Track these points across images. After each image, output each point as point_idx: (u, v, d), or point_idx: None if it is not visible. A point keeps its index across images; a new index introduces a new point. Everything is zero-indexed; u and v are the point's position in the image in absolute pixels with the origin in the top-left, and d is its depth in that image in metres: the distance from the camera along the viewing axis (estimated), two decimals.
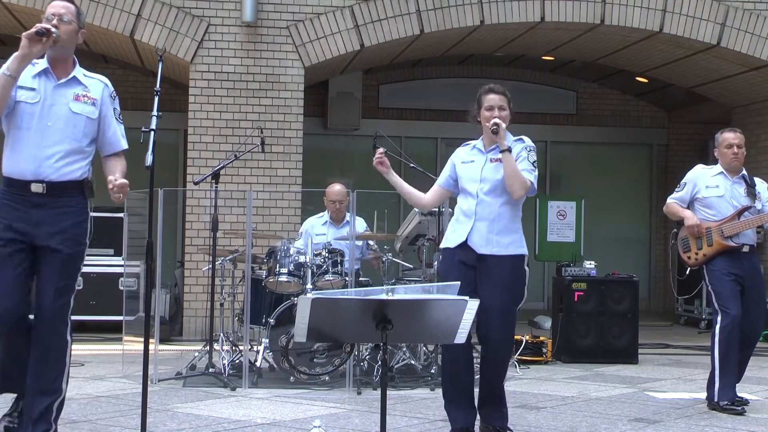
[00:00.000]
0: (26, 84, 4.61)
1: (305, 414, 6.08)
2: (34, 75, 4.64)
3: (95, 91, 4.76)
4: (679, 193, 6.79)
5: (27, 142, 4.59)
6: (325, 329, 4.06)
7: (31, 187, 4.58)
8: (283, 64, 10.47)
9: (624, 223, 15.64)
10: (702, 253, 6.62)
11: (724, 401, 6.37)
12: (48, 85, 4.66)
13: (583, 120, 15.46)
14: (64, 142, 4.64)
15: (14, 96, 4.58)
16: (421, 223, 7.97)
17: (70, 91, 4.69)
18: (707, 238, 6.59)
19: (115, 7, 10.16)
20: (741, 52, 11.22)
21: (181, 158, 13.10)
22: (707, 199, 6.64)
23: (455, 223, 5.34)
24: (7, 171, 4.64)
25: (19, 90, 4.58)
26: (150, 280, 5.54)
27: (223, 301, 7.92)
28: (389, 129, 10.61)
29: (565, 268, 9.30)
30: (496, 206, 5.22)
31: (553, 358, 8.89)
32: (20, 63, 4.49)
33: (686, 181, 6.78)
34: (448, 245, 5.32)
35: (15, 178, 4.61)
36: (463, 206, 5.31)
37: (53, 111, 4.64)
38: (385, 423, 4.06)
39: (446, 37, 11.20)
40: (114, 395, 6.63)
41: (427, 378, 7.35)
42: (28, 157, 4.59)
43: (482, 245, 5.20)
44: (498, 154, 5.23)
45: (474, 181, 5.28)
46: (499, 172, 5.22)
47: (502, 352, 5.32)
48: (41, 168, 4.59)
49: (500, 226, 5.21)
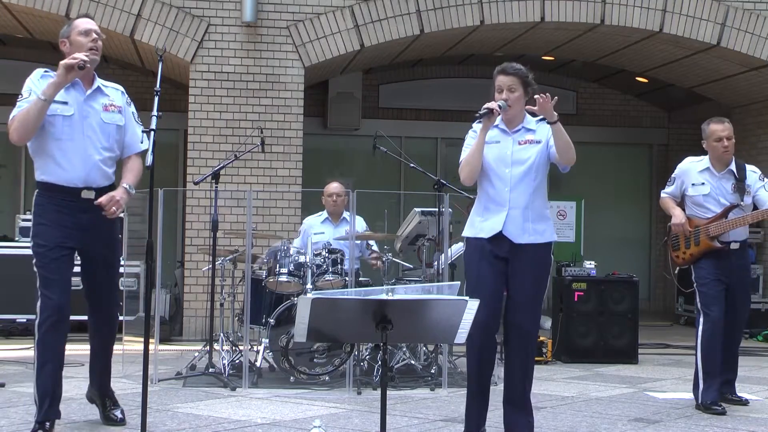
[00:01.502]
0: (59, 98, 4.99)
1: (305, 414, 6.08)
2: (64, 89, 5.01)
3: (117, 100, 5.23)
4: (669, 188, 6.75)
5: (73, 152, 5.01)
6: (325, 329, 4.05)
7: (82, 194, 5.05)
8: (283, 64, 10.47)
9: (624, 223, 15.64)
10: (689, 253, 6.57)
11: (708, 401, 6.33)
12: (79, 98, 5.07)
13: (583, 120, 15.45)
14: (103, 151, 5.11)
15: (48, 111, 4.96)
16: (421, 223, 7.97)
17: (98, 102, 5.15)
18: (694, 237, 6.52)
19: (115, 7, 10.16)
20: (741, 52, 11.22)
21: (181, 158, 13.10)
22: (694, 197, 6.57)
23: (484, 211, 5.05)
24: (55, 179, 5.04)
25: (52, 104, 4.95)
26: (150, 280, 5.60)
27: (223, 301, 7.92)
28: (389, 129, 10.60)
29: (565, 268, 9.30)
30: (529, 192, 4.99)
31: (553, 358, 8.90)
32: (56, 90, 4.92)
33: (675, 176, 6.72)
34: (480, 235, 5.03)
35: (64, 185, 5.03)
36: (492, 192, 5.03)
37: (88, 122, 5.08)
38: (385, 423, 4.06)
39: (446, 37, 11.20)
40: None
41: (427, 378, 7.35)
42: (78, 166, 5.02)
43: (519, 235, 4.97)
44: (529, 136, 5.04)
45: (505, 165, 4.99)
46: (532, 153, 5.00)
47: (532, 339, 5.12)
48: (90, 176, 5.05)
49: (534, 214, 5.00)
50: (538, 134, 5.07)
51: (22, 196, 13.70)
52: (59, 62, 4.97)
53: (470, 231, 5.13)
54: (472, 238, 5.10)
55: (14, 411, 5.91)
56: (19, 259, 10.19)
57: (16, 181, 13.84)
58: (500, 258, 5.01)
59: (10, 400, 6.30)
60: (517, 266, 5.00)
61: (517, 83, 5.02)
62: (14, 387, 6.82)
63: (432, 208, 7.63)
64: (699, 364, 6.41)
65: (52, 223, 5.04)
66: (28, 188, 13.75)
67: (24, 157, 13.64)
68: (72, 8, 10.07)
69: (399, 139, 13.73)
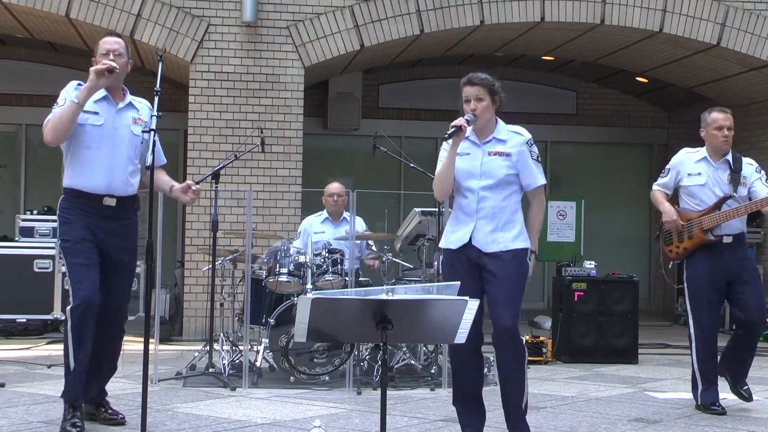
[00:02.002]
0: (90, 109, 5.25)
1: (305, 414, 6.08)
2: (95, 101, 5.28)
3: (145, 115, 5.46)
4: (663, 180, 6.54)
5: (99, 160, 5.26)
6: (325, 329, 4.05)
7: (104, 201, 5.28)
8: (283, 64, 10.47)
9: (624, 223, 15.64)
10: (683, 247, 6.41)
11: (707, 402, 6.30)
12: (110, 110, 5.34)
13: (583, 120, 15.46)
14: (128, 161, 5.37)
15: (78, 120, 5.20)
16: (421, 223, 7.97)
17: (128, 114, 5.41)
18: (687, 231, 6.35)
19: (115, 7, 10.16)
20: (741, 52, 11.22)
21: (181, 158, 13.09)
22: (690, 188, 6.38)
23: (455, 222, 5.16)
24: (79, 185, 5.29)
25: (83, 114, 5.20)
26: (150, 280, 5.64)
27: (223, 301, 7.92)
28: (389, 129, 10.60)
29: (565, 268, 9.31)
30: (498, 201, 5.06)
31: (553, 358, 8.90)
32: (88, 94, 5.15)
33: (670, 167, 6.51)
34: (449, 246, 5.14)
35: (89, 192, 5.27)
36: (463, 203, 5.11)
37: (118, 133, 5.33)
38: (385, 423, 4.06)
39: (446, 37, 11.20)
40: (114, 395, 6.61)
41: (427, 378, 7.35)
42: (102, 174, 5.26)
43: (487, 243, 5.04)
44: (499, 147, 5.08)
45: (473, 177, 5.06)
46: (500, 167, 5.06)
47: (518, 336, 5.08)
48: (113, 184, 5.29)
49: (503, 221, 5.06)
50: (509, 145, 5.11)
51: (22, 196, 13.70)
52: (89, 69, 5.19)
53: (443, 242, 5.24)
54: (445, 249, 5.20)
55: (14, 411, 5.91)
56: (19, 259, 10.20)
57: (17, 181, 13.83)
58: (473, 264, 5.06)
59: (10, 400, 6.31)
60: (491, 269, 5.04)
61: (484, 92, 5.05)
62: (14, 387, 6.82)
63: (432, 208, 7.63)
64: (695, 368, 6.36)
65: (77, 222, 5.27)
66: (28, 188, 13.75)
67: (24, 158, 13.65)
68: (72, 8, 10.07)
69: (399, 139, 13.73)
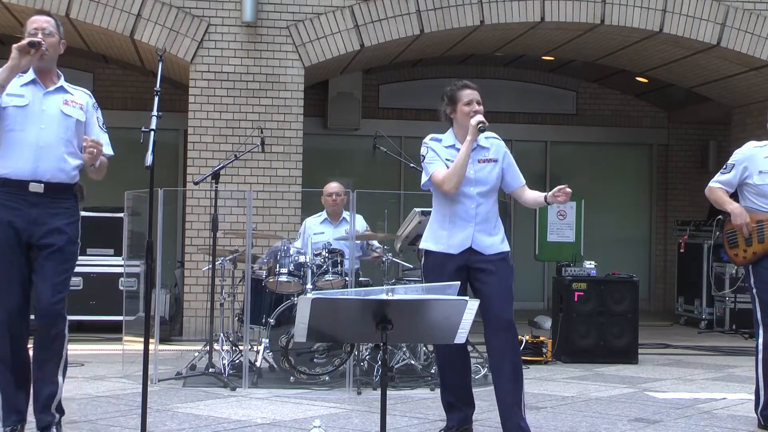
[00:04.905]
0: (14, 92, 4.78)
1: (305, 414, 6.08)
2: (22, 84, 4.82)
3: (80, 99, 4.98)
4: (725, 176, 5.82)
5: (22, 143, 4.76)
6: (325, 329, 4.06)
7: (30, 187, 4.75)
8: (283, 64, 10.47)
9: (624, 223, 15.62)
10: (752, 251, 5.74)
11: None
12: (37, 93, 4.85)
13: (583, 120, 15.46)
14: (60, 142, 4.83)
15: (1, 103, 4.76)
16: (421, 223, 7.94)
17: (59, 96, 4.90)
18: (758, 233, 5.69)
19: (115, 7, 10.16)
20: (741, 52, 11.22)
21: (181, 158, 13.10)
22: (760, 187, 5.70)
23: (451, 226, 5.17)
24: (2, 171, 4.77)
25: (6, 96, 4.75)
26: (150, 280, 5.57)
27: (223, 301, 7.92)
28: (389, 129, 10.60)
29: (565, 268, 9.30)
30: (490, 206, 5.22)
31: (553, 358, 8.89)
32: (10, 73, 4.69)
33: (735, 161, 5.80)
34: (449, 251, 5.15)
35: (12, 178, 4.75)
36: (458, 209, 5.16)
37: (45, 114, 4.82)
38: (385, 423, 4.06)
39: (446, 37, 11.20)
40: (114, 395, 6.63)
41: (427, 378, 7.35)
42: (27, 156, 4.75)
43: (486, 246, 5.16)
44: (486, 154, 5.20)
45: (469, 184, 5.16)
46: (491, 174, 5.20)
47: (514, 331, 5.15)
48: (40, 168, 4.76)
49: (492, 225, 5.22)
50: (493, 152, 5.25)
51: None
52: None
53: (434, 245, 5.22)
54: (439, 253, 5.20)
55: None
56: None
57: None
58: (462, 270, 5.12)
59: None
60: (490, 270, 5.11)
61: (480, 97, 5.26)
62: None
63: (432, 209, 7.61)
64: (761, 383, 5.72)
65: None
66: None
67: None
68: (72, 8, 10.07)
69: (399, 139, 13.70)
